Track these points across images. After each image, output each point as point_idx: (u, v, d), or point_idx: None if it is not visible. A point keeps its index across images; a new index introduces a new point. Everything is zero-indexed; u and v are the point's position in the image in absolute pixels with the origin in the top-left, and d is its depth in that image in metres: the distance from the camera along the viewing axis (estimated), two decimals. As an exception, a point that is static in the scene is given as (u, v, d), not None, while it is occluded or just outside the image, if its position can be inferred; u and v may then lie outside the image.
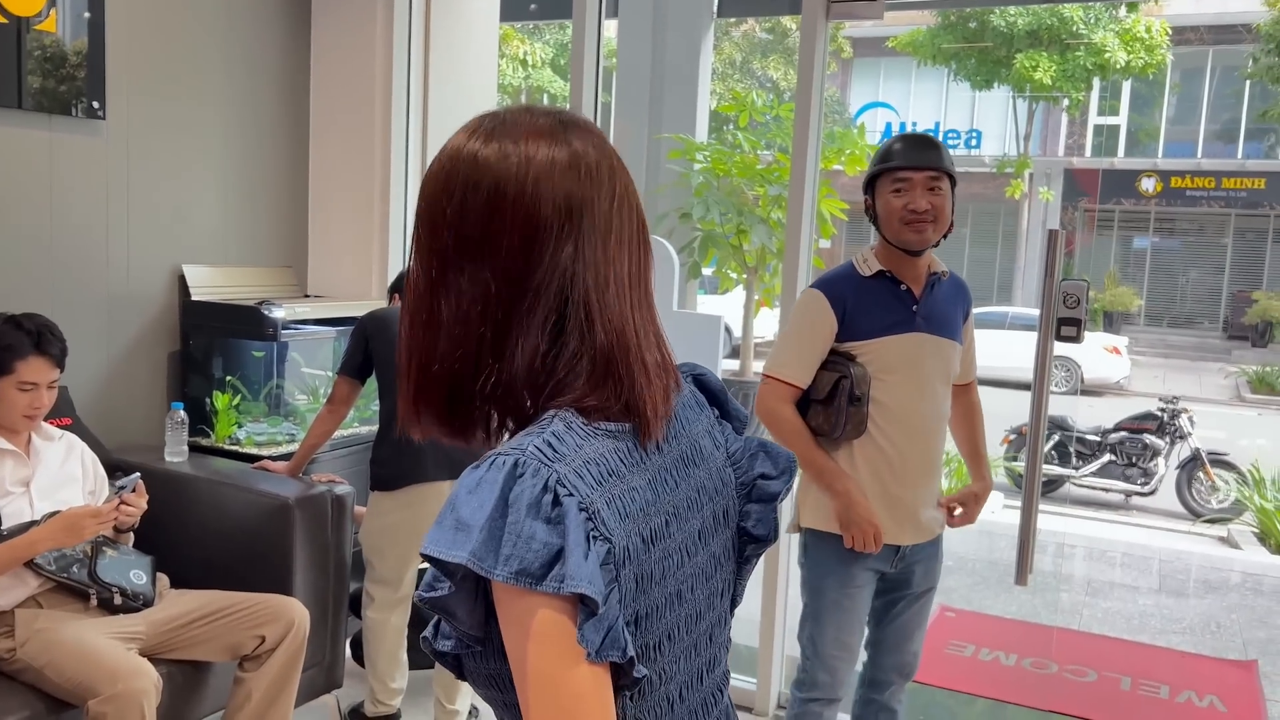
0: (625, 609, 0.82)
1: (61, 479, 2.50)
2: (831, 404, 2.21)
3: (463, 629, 0.84)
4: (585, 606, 0.77)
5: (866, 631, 2.41)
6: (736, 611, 1.03)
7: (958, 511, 2.43)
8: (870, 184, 2.30)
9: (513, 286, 0.85)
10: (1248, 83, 16.61)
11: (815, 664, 2.34)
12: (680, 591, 0.90)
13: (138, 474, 2.50)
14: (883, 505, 2.25)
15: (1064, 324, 2.67)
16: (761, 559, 1.06)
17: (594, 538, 0.80)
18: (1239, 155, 18.04)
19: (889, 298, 2.26)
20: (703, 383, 1.03)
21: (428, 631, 0.89)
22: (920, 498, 2.31)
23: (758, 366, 6.85)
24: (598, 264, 0.86)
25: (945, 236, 2.27)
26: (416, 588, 3.20)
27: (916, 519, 2.31)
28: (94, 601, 2.41)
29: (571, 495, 0.79)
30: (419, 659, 3.06)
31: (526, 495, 0.78)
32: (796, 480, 2.23)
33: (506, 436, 0.89)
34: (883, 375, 2.23)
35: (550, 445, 0.81)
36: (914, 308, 2.26)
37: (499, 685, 0.86)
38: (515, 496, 0.79)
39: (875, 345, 2.23)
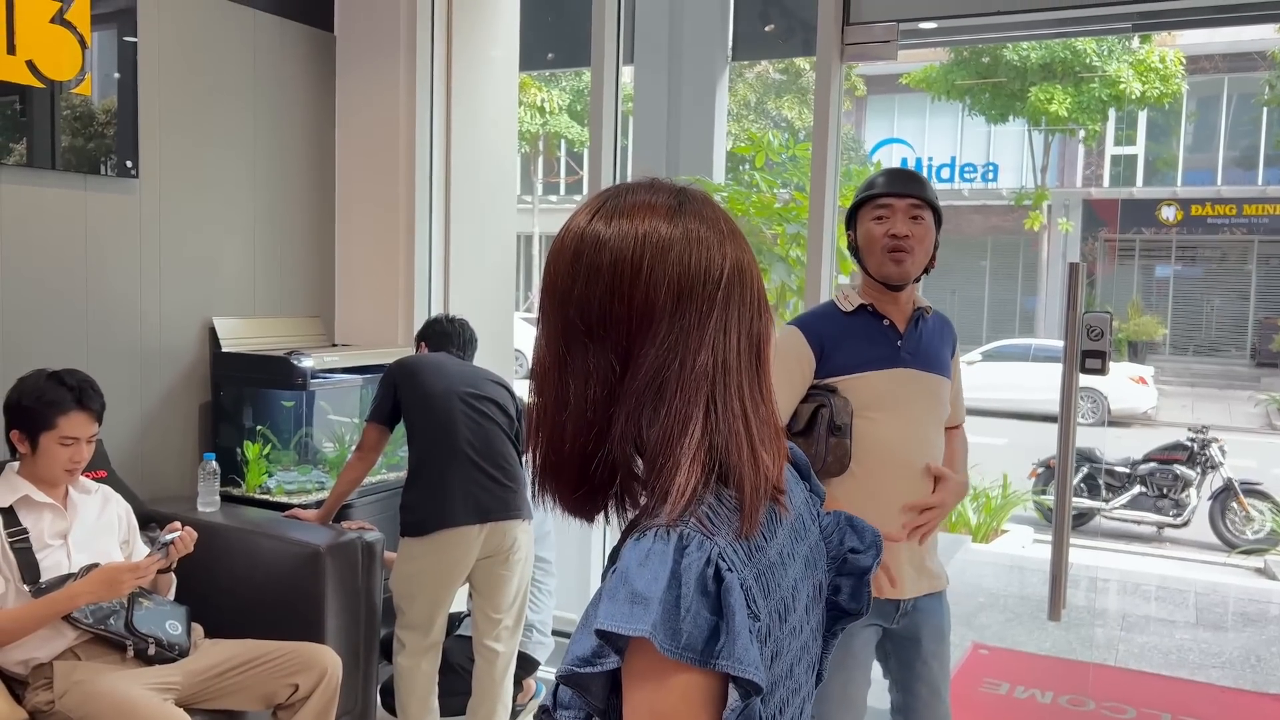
0: None
1: (98, 531, 2.54)
2: (811, 434, 2.11)
3: (594, 702, 0.83)
4: (740, 686, 0.78)
5: (891, 696, 2.31)
6: None
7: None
8: (851, 218, 2.24)
9: (636, 367, 0.86)
10: (1265, 109, 16.58)
11: None
12: (792, 665, 0.91)
13: (177, 531, 2.50)
14: None
15: (1088, 356, 2.66)
16: None
17: (752, 618, 0.80)
18: (1259, 181, 17.94)
19: (871, 333, 2.18)
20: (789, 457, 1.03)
21: (546, 701, 0.89)
22: (916, 544, 2.18)
23: (781, 404, 6.84)
24: (713, 344, 0.86)
25: (927, 272, 2.20)
26: (448, 635, 3.21)
27: (915, 567, 2.18)
28: (130, 652, 2.43)
29: (732, 571, 0.80)
30: (450, 705, 3.05)
31: (694, 569, 0.79)
32: None
33: (629, 513, 0.90)
34: (868, 413, 2.13)
35: (709, 517, 0.82)
36: (898, 343, 2.18)
37: None
38: (684, 569, 0.79)
39: (857, 381, 2.14)
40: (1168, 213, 18.02)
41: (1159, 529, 7.60)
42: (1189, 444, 7.65)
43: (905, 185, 2.17)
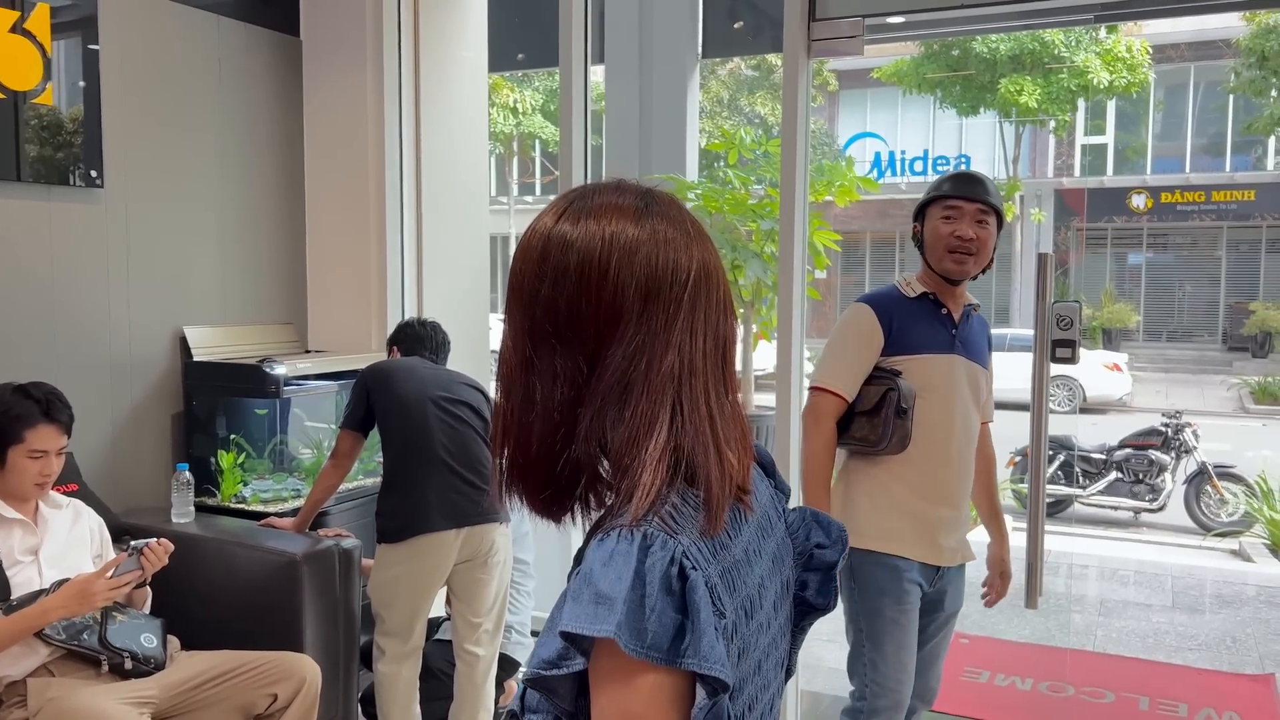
0: None
1: (70, 546, 2.51)
2: (878, 414, 2.28)
3: (562, 705, 0.83)
4: (706, 684, 0.78)
5: None
6: None
7: (984, 593, 2.59)
8: (920, 212, 2.43)
9: (603, 368, 0.86)
10: (1231, 96, 16.76)
11: (878, 691, 2.33)
12: (760, 661, 0.91)
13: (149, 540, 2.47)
14: (923, 525, 2.32)
15: (1058, 345, 2.70)
16: None
17: (717, 616, 0.80)
18: (1227, 168, 18.14)
19: (931, 319, 2.38)
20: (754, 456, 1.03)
21: (514, 705, 0.89)
22: (959, 519, 2.40)
23: (758, 399, 6.86)
24: (679, 345, 0.86)
25: (984, 271, 2.39)
26: (428, 640, 3.19)
27: (957, 539, 2.40)
28: (105, 667, 2.41)
29: (696, 569, 0.80)
30: (432, 710, 3.04)
31: (658, 568, 0.79)
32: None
33: (594, 513, 0.90)
34: (922, 394, 2.31)
35: (672, 516, 0.82)
36: (953, 331, 2.38)
37: None
38: (648, 569, 0.79)
39: (917, 362, 2.33)
40: (1138, 201, 18.18)
41: (1135, 514, 7.68)
42: (1163, 429, 7.74)
43: (973, 190, 2.36)
